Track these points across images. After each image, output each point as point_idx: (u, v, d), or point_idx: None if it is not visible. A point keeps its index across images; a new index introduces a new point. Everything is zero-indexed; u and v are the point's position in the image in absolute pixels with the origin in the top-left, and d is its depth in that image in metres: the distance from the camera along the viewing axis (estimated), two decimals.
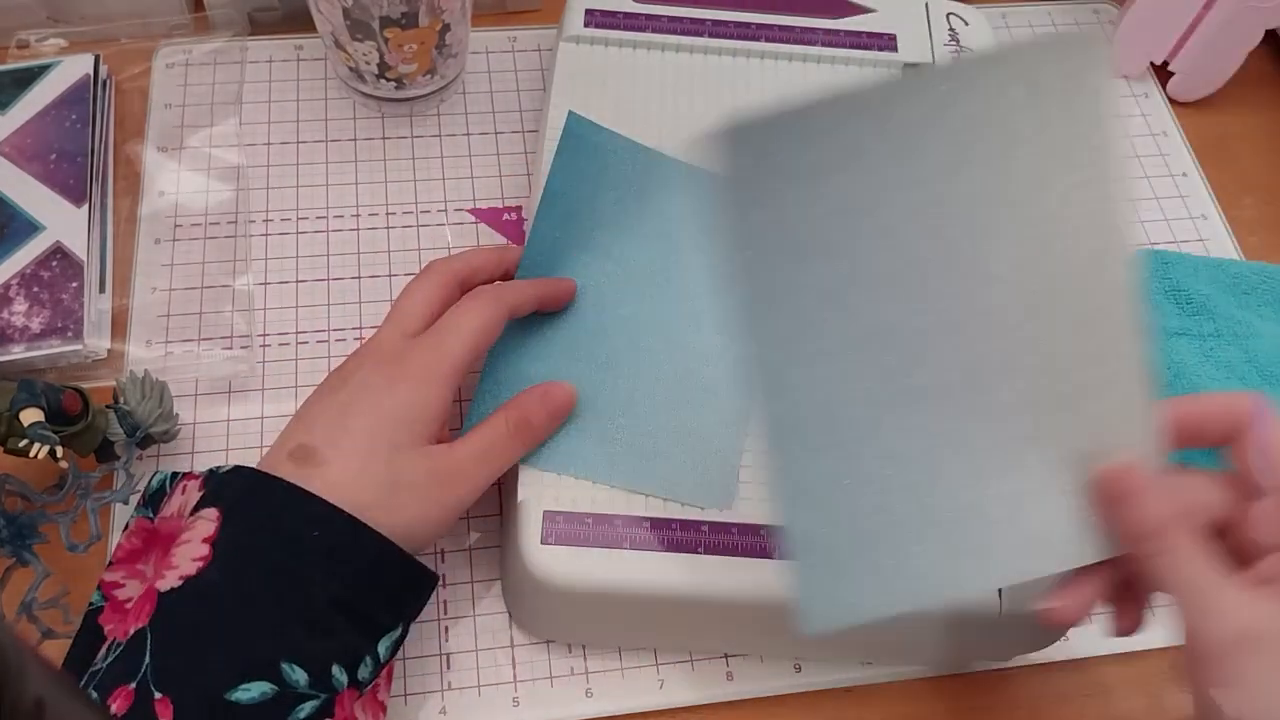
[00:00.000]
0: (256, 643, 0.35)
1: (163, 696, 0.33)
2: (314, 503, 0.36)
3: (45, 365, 0.48)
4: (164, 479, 0.42)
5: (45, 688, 0.20)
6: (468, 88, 0.60)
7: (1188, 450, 0.50)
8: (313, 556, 0.36)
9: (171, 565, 0.36)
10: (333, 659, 0.36)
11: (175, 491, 0.41)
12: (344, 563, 0.37)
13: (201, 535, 0.36)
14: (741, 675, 0.45)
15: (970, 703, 0.46)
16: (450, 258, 0.44)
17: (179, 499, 0.40)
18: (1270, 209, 0.61)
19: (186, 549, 0.36)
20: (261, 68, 0.59)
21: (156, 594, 0.35)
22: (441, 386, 0.40)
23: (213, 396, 0.49)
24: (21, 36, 0.56)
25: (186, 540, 0.36)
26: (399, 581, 0.39)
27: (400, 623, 0.39)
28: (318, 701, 0.35)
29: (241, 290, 0.52)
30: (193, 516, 0.37)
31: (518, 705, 0.44)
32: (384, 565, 0.38)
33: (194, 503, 0.38)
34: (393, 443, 0.39)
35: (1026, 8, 0.67)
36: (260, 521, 0.37)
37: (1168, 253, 0.55)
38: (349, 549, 0.37)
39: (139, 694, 0.33)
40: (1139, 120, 0.63)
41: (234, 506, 0.37)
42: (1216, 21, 0.60)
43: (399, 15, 0.50)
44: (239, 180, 0.54)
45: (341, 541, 0.37)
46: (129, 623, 0.36)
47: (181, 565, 0.36)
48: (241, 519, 0.37)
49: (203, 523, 0.37)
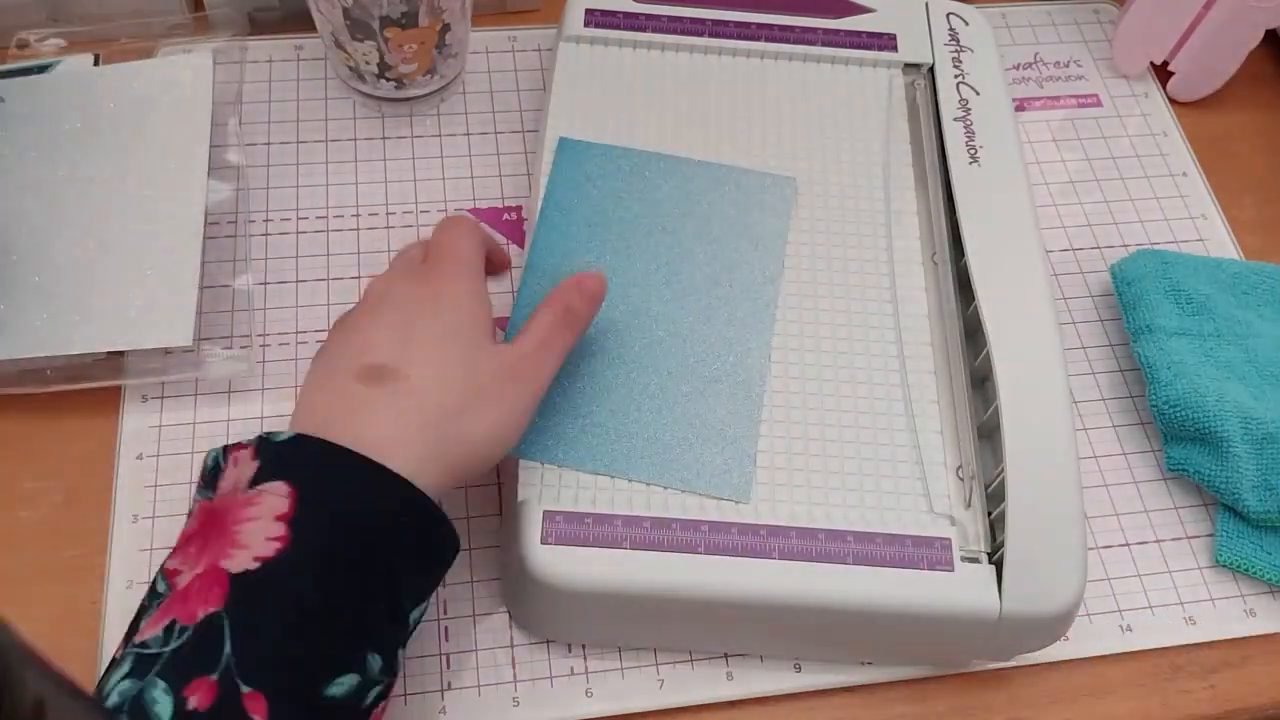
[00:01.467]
0: (348, 636, 0.34)
1: (253, 691, 0.31)
2: (398, 484, 0.35)
3: (45, 364, 0.48)
4: (217, 455, 0.37)
5: (45, 688, 0.20)
6: (468, 88, 0.60)
7: (1186, 449, 0.49)
8: (400, 544, 0.35)
9: (239, 544, 0.33)
10: (399, 644, 0.36)
11: (228, 465, 0.37)
12: (425, 551, 0.36)
13: (274, 512, 0.34)
14: (741, 675, 0.45)
15: (970, 702, 0.46)
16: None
17: (233, 472, 0.36)
18: (1270, 209, 0.61)
19: (256, 527, 0.33)
20: (261, 68, 0.59)
21: (227, 575, 0.33)
22: (481, 285, 0.41)
23: (213, 396, 0.49)
24: (21, 36, 0.56)
25: (255, 518, 0.34)
26: (448, 562, 0.39)
27: (431, 592, 0.39)
28: (383, 685, 0.35)
29: (241, 290, 0.52)
30: (254, 490, 0.34)
31: (518, 705, 0.44)
32: (448, 549, 0.38)
33: (250, 475, 0.35)
34: (468, 343, 0.39)
35: (1026, 8, 0.67)
36: (343, 504, 0.35)
37: (1168, 253, 0.55)
38: (429, 538, 0.37)
39: (223, 687, 0.31)
40: (1139, 120, 0.63)
41: (310, 484, 0.35)
42: (1216, 21, 0.60)
43: (399, 15, 0.50)
44: (239, 180, 0.54)
45: (424, 527, 0.36)
46: (193, 605, 0.33)
47: (254, 545, 0.33)
48: (321, 499, 0.34)
49: (272, 498, 0.34)
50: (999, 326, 0.45)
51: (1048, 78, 0.64)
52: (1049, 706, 0.46)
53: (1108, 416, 0.53)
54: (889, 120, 0.53)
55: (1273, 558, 0.48)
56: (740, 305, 0.46)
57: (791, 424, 0.44)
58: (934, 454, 0.44)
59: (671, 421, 0.43)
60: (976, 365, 0.46)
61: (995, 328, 0.45)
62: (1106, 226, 0.59)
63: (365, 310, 0.41)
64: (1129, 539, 0.50)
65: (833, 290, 0.48)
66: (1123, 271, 0.54)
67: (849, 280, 0.48)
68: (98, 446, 0.48)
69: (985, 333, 0.45)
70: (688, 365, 0.45)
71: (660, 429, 0.43)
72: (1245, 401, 0.49)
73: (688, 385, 0.44)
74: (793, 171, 0.50)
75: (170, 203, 0.50)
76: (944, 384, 0.46)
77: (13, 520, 0.46)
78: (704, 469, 0.43)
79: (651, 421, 0.43)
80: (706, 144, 0.51)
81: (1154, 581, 0.49)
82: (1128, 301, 0.54)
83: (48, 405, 0.49)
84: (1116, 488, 0.51)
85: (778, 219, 0.49)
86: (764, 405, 0.44)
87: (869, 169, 0.51)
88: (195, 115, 0.52)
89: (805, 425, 0.44)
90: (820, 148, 0.52)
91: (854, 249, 0.49)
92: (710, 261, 0.47)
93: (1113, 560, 0.49)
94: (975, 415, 0.45)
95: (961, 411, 0.45)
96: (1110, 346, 0.55)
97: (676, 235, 0.48)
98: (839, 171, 0.51)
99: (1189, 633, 0.48)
